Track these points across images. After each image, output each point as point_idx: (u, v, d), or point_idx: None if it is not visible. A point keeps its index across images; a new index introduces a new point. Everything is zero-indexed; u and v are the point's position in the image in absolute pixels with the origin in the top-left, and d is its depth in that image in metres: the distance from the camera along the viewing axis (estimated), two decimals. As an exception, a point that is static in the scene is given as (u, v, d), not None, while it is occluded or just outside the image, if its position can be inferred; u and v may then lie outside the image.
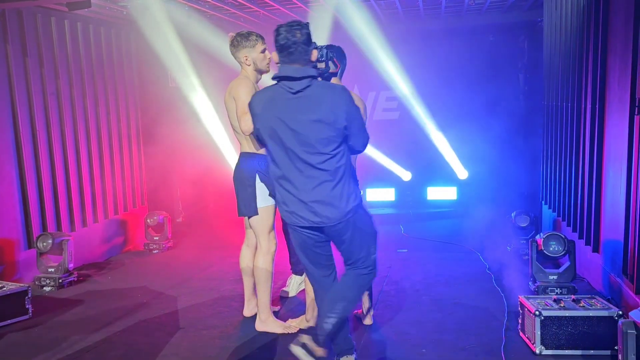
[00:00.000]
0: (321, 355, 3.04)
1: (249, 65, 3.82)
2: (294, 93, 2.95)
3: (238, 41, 3.82)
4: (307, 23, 2.99)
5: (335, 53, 3.78)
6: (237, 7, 6.59)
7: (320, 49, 3.19)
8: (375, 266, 3.23)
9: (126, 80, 6.90)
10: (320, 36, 6.74)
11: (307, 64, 2.98)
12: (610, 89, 4.40)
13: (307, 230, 3.10)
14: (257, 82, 3.87)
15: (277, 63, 3.04)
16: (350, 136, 3.02)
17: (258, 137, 3.16)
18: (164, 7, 5.95)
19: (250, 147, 3.86)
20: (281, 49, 2.96)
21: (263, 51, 3.82)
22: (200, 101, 7.16)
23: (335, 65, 3.49)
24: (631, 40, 3.83)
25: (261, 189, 3.86)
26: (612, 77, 4.37)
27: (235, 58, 3.91)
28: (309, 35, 2.97)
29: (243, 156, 3.93)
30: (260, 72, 3.88)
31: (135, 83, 7.11)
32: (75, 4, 5.07)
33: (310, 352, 3.02)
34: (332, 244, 3.20)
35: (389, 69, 7.80)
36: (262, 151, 3.60)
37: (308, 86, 2.95)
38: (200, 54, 6.90)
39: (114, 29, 6.65)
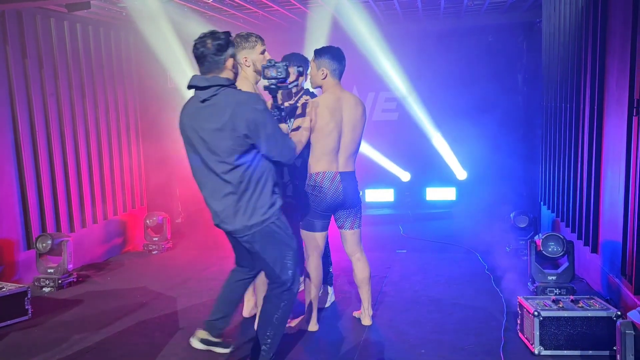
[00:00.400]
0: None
1: (248, 67, 3.81)
2: (202, 102, 3.00)
3: (237, 42, 3.82)
4: (224, 33, 3.00)
5: (332, 54, 3.79)
6: (235, 8, 6.59)
7: (276, 67, 3.22)
8: (294, 282, 3.19)
9: (125, 81, 6.90)
10: (319, 37, 6.75)
11: (221, 72, 3.01)
12: (609, 90, 4.40)
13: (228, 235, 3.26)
14: (256, 83, 3.87)
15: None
16: (259, 146, 3.00)
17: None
18: (162, 8, 5.96)
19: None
20: (195, 59, 3.02)
21: (263, 52, 3.81)
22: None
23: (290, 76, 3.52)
24: (629, 41, 3.84)
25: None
26: (610, 78, 4.38)
27: (235, 59, 3.91)
28: (220, 45, 2.96)
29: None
30: (260, 73, 3.89)
31: (135, 84, 7.12)
32: (75, 5, 5.08)
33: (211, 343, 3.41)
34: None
35: (388, 69, 7.81)
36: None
37: (214, 95, 2.97)
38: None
39: (113, 30, 6.66)
